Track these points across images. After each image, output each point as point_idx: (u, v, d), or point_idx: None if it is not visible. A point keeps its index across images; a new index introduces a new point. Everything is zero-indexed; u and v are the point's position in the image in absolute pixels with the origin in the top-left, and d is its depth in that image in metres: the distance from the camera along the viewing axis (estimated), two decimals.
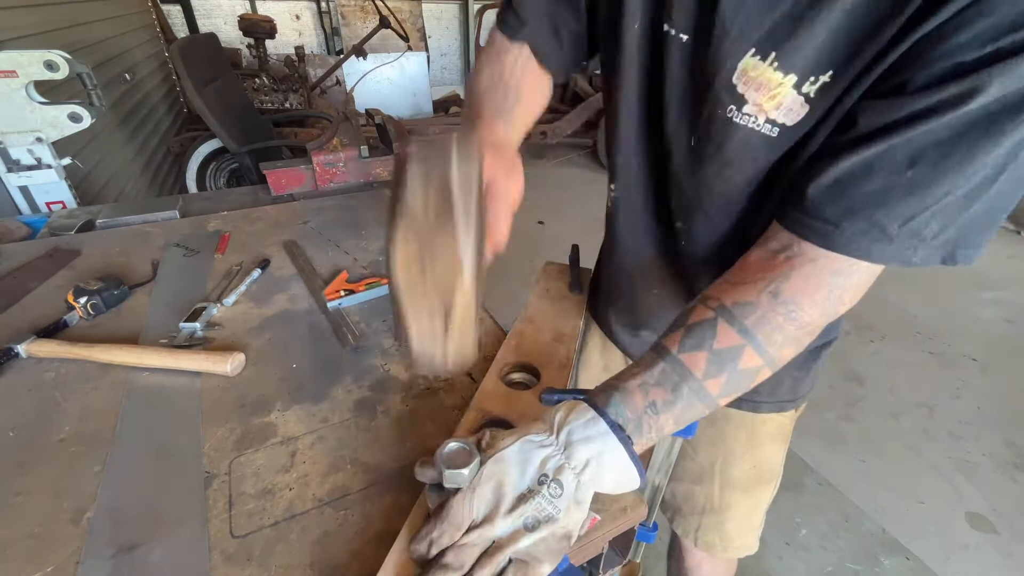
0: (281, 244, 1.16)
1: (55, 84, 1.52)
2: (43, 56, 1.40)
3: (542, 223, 3.49)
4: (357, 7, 5.15)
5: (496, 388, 0.71)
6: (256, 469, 0.63)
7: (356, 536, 0.55)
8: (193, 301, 0.93)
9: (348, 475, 0.62)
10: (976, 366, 2.31)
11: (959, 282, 2.96)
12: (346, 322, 0.91)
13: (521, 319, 0.86)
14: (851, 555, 1.53)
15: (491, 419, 0.65)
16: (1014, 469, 1.82)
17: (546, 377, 0.73)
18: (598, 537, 0.57)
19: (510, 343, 0.80)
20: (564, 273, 1.00)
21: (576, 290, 0.94)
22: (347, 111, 1.72)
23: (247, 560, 0.53)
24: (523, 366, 0.76)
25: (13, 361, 0.79)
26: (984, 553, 1.54)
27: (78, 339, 0.82)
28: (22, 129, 1.44)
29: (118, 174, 2.42)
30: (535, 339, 0.81)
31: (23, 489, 0.60)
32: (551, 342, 0.80)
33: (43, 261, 1.06)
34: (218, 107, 2.37)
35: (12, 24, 1.84)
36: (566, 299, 0.92)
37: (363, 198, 1.43)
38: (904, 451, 1.88)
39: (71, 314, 0.89)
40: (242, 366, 0.80)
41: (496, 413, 0.66)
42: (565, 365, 0.75)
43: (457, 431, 0.63)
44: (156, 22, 4.01)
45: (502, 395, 0.70)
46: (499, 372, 0.74)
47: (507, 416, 0.65)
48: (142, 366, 0.78)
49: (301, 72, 4.12)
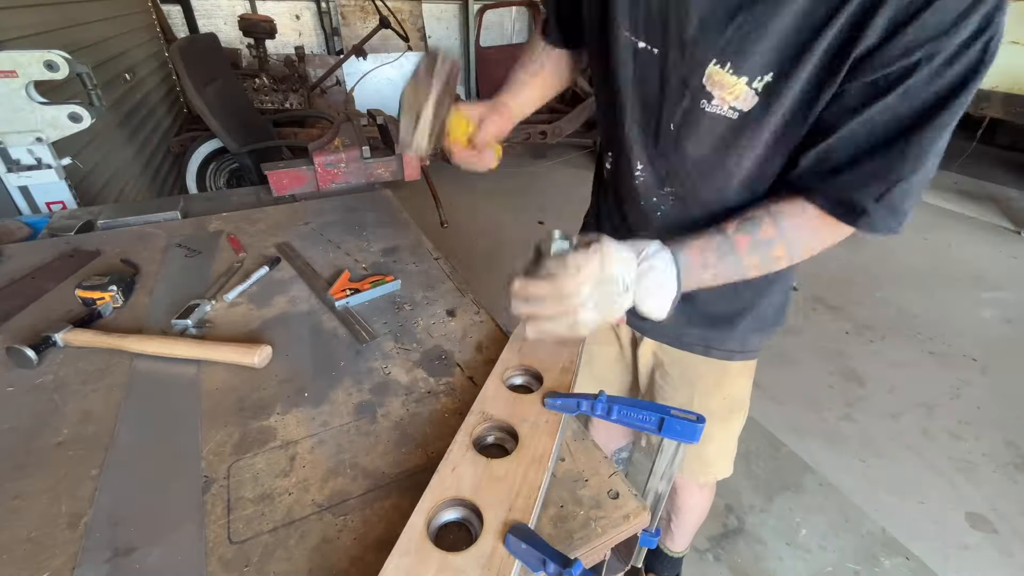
0: (279, 246, 1.16)
1: (55, 84, 1.52)
2: (43, 56, 1.39)
3: (542, 223, 3.48)
4: (357, 7, 5.14)
5: (498, 392, 0.71)
6: (255, 473, 0.63)
7: (355, 542, 0.55)
8: (192, 300, 0.93)
9: (348, 480, 0.62)
10: (976, 366, 2.31)
11: (959, 282, 2.95)
12: (356, 319, 0.91)
13: (523, 322, 0.85)
14: (851, 555, 1.53)
15: (493, 424, 0.65)
16: (1014, 469, 1.81)
17: (548, 381, 0.73)
18: (600, 544, 0.57)
19: (513, 347, 0.79)
20: None
21: None
22: (348, 111, 1.71)
23: (244, 566, 0.52)
24: (525, 370, 0.76)
25: (13, 362, 0.79)
26: (984, 553, 1.54)
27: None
28: (22, 129, 1.44)
29: (118, 174, 2.42)
30: (537, 342, 0.79)
31: (20, 493, 0.60)
32: (554, 346, 0.79)
33: (61, 262, 1.07)
34: (218, 107, 2.37)
35: (12, 24, 1.83)
36: None
37: (365, 199, 1.43)
38: (904, 451, 1.87)
39: (105, 304, 0.91)
40: (269, 358, 0.81)
41: (498, 416, 0.66)
42: (568, 369, 0.75)
43: (459, 435, 0.63)
44: (156, 22, 4.00)
45: (504, 399, 0.69)
46: (501, 376, 0.74)
47: (509, 420, 0.65)
48: (172, 356, 0.80)
49: (301, 72, 4.11)
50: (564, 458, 0.66)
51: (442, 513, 0.55)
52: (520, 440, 0.62)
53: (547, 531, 0.57)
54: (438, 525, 0.55)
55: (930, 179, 0.57)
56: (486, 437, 0.66)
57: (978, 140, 4.43)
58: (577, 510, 0.59)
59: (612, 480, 0.63)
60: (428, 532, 0.52)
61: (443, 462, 0.59)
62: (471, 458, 0.60)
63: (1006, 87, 3.98)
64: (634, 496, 0.61)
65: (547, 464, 0.59)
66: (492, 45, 5.77)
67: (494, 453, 0.62)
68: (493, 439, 0.66)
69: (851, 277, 2.97)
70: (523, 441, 0.62)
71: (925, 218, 3.74)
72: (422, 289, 1.02)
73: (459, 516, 0.56)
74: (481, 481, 0.57)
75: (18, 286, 0.99)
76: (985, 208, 3.91)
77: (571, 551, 0.55)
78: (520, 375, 0.76)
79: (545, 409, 0.67)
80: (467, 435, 0.63)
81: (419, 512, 0.53)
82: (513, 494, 0.56)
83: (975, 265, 3.14)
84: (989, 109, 4.12)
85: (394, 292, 1.01)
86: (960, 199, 4.06)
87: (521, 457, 0.60)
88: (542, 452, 0.61)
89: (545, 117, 4.57)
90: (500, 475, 0.58)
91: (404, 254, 1.16)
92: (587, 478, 0.63)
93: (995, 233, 3.53)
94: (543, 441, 0.62)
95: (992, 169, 4.60)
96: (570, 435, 0.70)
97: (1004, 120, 4.17)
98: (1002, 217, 3.74)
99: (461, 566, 0.49)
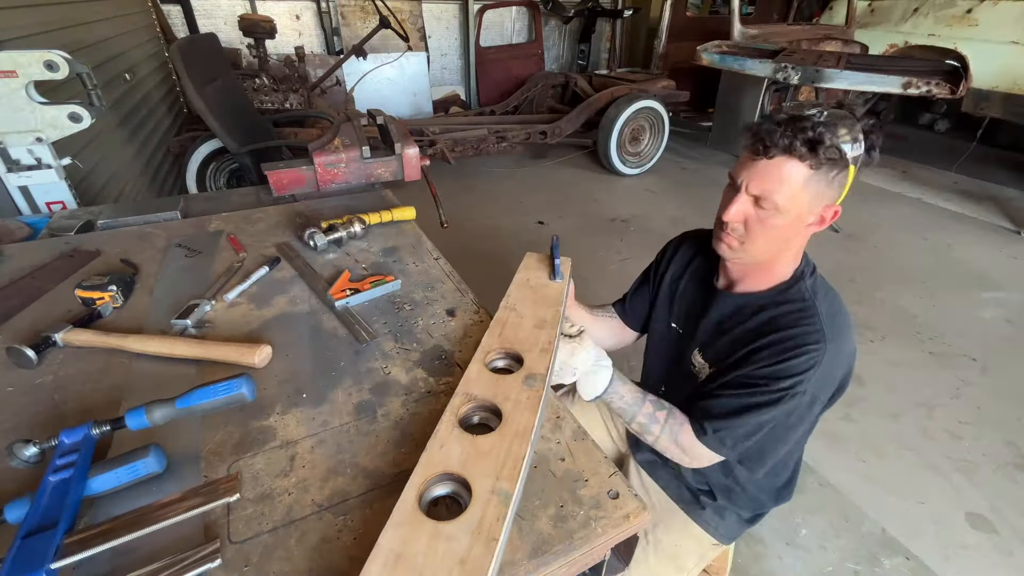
0: (279, 246, 1.16)
1: (55, 84, 1.52)
2: (43, 56, 1.39)
3: (542, 223, 3.48)
4: (357, 7, 5.13)
5: (480, 374, 0.73)
6: (255, 473, 0.63)
7: (355, 542, 0.55)
8: (192, 299, 0.93)
9: (347, 480, 0.62)
10: (976, 366, 2.31)
11: (959, 282, 2.95)
12: (356, 319, 0.91)
13: (503, 307, 0.88)
14: (851, 555, 1.53)
15: (477, 404, 0.68)
16: (1014, 469, 1.81)
17: (528, 362, 0.75)
18: (600, 544, 0.57)
19: (493, 331, 0.82)
20: (543, 263, 1.03)
21: (556, 278, 0.97)
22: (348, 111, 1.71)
23: (244, 566, 0.53)
24: (506, 352, 0.79)
25: (13, 361, 0.79)
26: (984, 553, 1.54)
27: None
28: (22, 129, 1.44)
29: (118, 174, 2.41)
30: (517, 326, 0.84)
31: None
32: (533, 329, 0.83)
33: (61, 262, 1.07)
34: (218, 107, 2.37)
35: (12, 24, 1.83)
36: (546, 287, 0.95)
37: (364, 199, 1.43)
38: (904, 451, 1.87)
39: (105, 304, 0.91)
40: (269, 358, 0.81)
41: (481, 396, 0.68)
42: (546, 349, 0.78)
43: (445, 415, 0.66)
44: (156, 22, 4.00)
45: (486, 380, 0.72)
46: (483, 358, 0.76)
47: (492, 399, 0.68)
48: (172, 356, 0.80)
49: (301, 72, 4.10)
50: (564, 458, 0.66)
51: (432, 488, 0.57)
52: (504, 417, 0.65)
53: (547, 531, 0.57)
54: (429, 499, 0.56)
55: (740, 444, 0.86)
56: (472, 417, 0.68)
57: (978, 140, 4.43)
58: (577, 510, 0.59)
59: (612, 480, 0.63)
60: (420, 505, 0.54)
61: (431, 440, 0.61)
62: (457, 436, 0.63)
63: (1006, 87, 3.98)
64: (634, 496, 0.61)
65: (530, 437, 0.63)
66: (492, 45, 5.77)
67: (480, 432, 0.64)
68: (478, 419, 0.68)
69: (851, 277, 2.96)
70: (507, 418, 0.65)
71: (925, 218, 3.74)
72: (422, 289, 1.02)
73: (449, 491, 0.58)
74: (468, 456, 0.59)
75: (18, 286, 0.99)
76: (985, 208, 3.91)
77: (571, 551, 0.56)
78: (501, 358, 0.79)
79: (526, 387, 0.70)
80: (453, 414, 0.65)
81: (411, 487, 0.55)
82: (499, 465, 0.59)
83: (975, 265, 3.14)
84: (989, 109, 4.12)
85: (394, 292, 1.01)
86: (960, 199, 4.05)
87: (505, 432, 0.63)
88: (525, 426, 0.64)
89: (545, 117, 4.57)
90: (486, 450, 0.60)
91: (404, 254, 1.16)
92: (587, 478, 0.63)
93: (995, 233, 3.53)
94: (526, 416, 0.66)
95: (992, 169, 4.60)
96: (570, 435, 0.70)
97: (1004, 120, 4.17)
98: (1002, 217, 3.74)
99: (453, 533, 0.51)
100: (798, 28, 4.71)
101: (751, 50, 4.00)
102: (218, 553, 0.52)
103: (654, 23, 5.54)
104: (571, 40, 6.61)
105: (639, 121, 4.23)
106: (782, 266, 0.88)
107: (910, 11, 4.64)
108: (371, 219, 1.24)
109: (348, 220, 1.19)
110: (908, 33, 4.63)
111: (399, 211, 1.30)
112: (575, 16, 6.12)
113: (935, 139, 5.42)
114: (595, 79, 4.93)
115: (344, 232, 1.16)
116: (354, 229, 1.18)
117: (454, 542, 0.50)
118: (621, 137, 4.17)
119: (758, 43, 4.18)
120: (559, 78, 4.98)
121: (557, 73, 5.26)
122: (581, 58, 6.30)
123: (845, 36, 4.69)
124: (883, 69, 3.39)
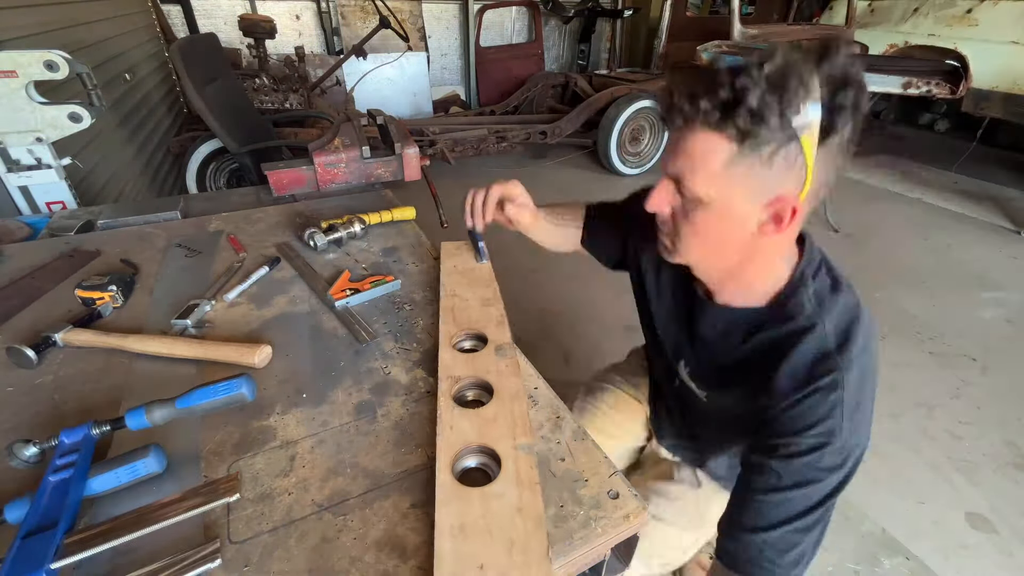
0: (279, 246, 1.16)
1: (55, 84, 1.52)
2: (43, 56, 1.39)
3: None
4: (357, 7, 5.13)
5: (455, 358, 0.78)
6: (255, 473, 0.63)
7: (355, 542, 0.55)
8: (192, 299, 0.93)
9: (348, 480, 0.62)
10: (976, 366, 2.31)
11: (959, 282, 2.95)
12: (356, 319, 0.91)
13: (446, 296, 0.93)
14: (851, 555, 1.53)
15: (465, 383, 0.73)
16: (1014, 469, 1.81)
17: (491, 336, 0.81)
18: (600, 544, 0.57)
19: (446, 318, 0.86)
20: (461, 249, 1.10)
21: (482, 259, 1.04)
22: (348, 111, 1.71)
23: (244, 566, 0.53)
24: (467, 334, 0.83)
25: (13, 361, 0.79)
26: (984, 553, 1.54)
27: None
28: (22, 129, 1.44)
29: (118, 174, 2.41)
30: (466, 308, 0.89)
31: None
32: (481, 307, 0.89)
33: (61, 262, 1.07)
34: (218, 107, 2.37)
35: (12, 24, 1.83)
36: (473, 270, 1.02)
37: (365, 199, 1.43)
38: (904, 451, 1.87)
39: (105, 304, 0.91)
40: (269, 358, 0.81)
41: (465, 376, 0.74)
42: (501, 322, 0.85)
43: (440, 400, 0.69)
44: (156, 22, 4.00)
45: (462, 361, 0.77)
46: (450, 342, 0.81)
47: (474, 375, 0.74)
48: (172, 356, 0.80)
49: (301, 72, 4.10)
50: (564, 458, 0.66)
51: (460, 462, 0.61)
52: (494, 386, 0.72)
53: (547, 530, 0.57)
54: (459, 473, 0.61)
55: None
56: (465, 395, 0.73)
57: (978, 140, 4.42)
58: (577, 510, 0.59)
59: (612, 480, 0.63)
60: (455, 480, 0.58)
61: (439, 425, 0.65)
62: (460, 413, 0.67)
63: (1006, 87, 3.97)
64: (634, 496, 0.61)
65: (523, 396, 0.70)
66: (492, 45, 5.77)
67: (478, 406, 0.69)
68: (472, 396, 0.73)
69: (851, 277, 2.96)
70: (497, 387, 0.71)
71: (925, 218, 3.74)
72: (422, 289, 1.02)
73: (477, 462, 0.63)
74: (479, 427, 0.65)
75: (18, 286, 0.99)
76: (985, 208, 3.90)
77: (571, 551, 0.56)
78: (466, 339, 0.83)
79: (500, 358, 0.77)
80: (447, 397, 0.69)
81: (442, 469, 0.59)
82: (511, 425, 0.65)
83: (975, 265, 3.14)
84: (989, 109, 4.12)
85: (394, 292, 1.01)
86: (960, 199, 4.05)
87: (502, 397, 0.70)
88: (516, 389, 0.71)
89: (545, 117, 4.57)
90: (491, 417, 0.67)
91: (404, 254, 1.16)
92: (587, 478, 0.63)
93: (995, 233, 3.52)
94: (512, 381, 0.73)
95: (992, 169, 4.59)
96: (570, 435, 0.70)
97: (1004, 120, 4.17)
98: (1002, 217, 3.74)
99: (499, 491, 0.57)
100: (798, 28, 4.71)
101: (751, 50, 3.99)
102: (218, 553, 0.52)
103: (654, 23, 5.54)
104: (571, 40, 6.61)
105: (639, 121, 4.23)
106: (757, 280, 0.69)
107: (910, 11, 4.63)
108: (371, 219, 1.24)
109: (348, 220, 1.19)
110: (908, 33, 4.62)
111: (399, 211, 1.30)
112: (575, 16, 6.11)
113: (935, 139, 5.42)
114: (595, 79, 4.93)
115: (344, 232, 1.16)
116: (354, 229, 1.19)
117: (504, 498, 0.56)
118: (621, 137, 4.17)
119: (758, 43, 4.18)
120: (559, 78, 4.98)
121: (557, 73, 5.25)
122: (581, 58, 6.30)
123: (845, 36, 4.69)
124: (883, 69, 3.38)
